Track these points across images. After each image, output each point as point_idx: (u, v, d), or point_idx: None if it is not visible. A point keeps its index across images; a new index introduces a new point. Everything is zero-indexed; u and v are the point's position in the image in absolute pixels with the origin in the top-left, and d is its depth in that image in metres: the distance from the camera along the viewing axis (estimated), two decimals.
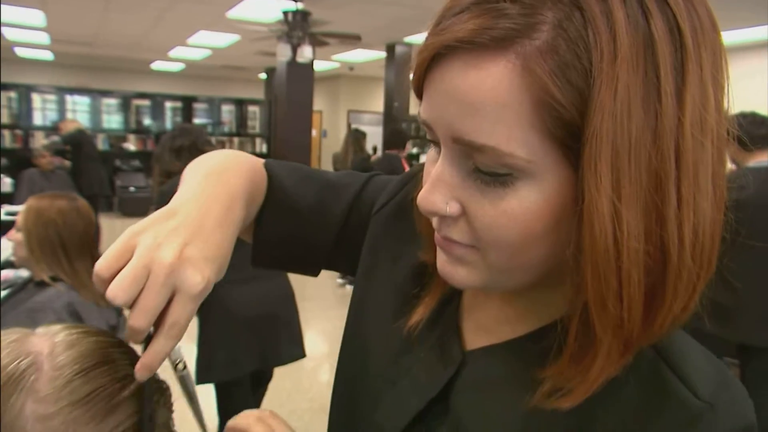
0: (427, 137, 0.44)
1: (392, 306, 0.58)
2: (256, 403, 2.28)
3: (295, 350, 2.16)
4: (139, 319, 0.41)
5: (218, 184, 0.52)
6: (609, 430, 0.42)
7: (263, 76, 11.45)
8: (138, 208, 9.11)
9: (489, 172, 0.39)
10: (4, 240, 2.86)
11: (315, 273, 0.72)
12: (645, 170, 0.35)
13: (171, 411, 0.50)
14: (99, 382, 0.45)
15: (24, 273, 2.44)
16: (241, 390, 2.11)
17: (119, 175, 9.43)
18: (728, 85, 0.39)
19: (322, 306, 5.01)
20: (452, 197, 0.41)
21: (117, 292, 0.41)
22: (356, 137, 5.61)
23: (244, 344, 2.00)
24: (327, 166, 11.02)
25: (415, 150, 8.30)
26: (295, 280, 2.28)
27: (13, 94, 9.00)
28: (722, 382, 0.43)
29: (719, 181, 0.38)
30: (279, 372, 2.28)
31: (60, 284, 1.52)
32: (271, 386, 2.30)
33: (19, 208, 4.15)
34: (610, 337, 0.38)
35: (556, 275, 0.43)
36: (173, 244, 0.43)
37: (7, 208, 4.23)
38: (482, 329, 0.52)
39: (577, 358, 0.40)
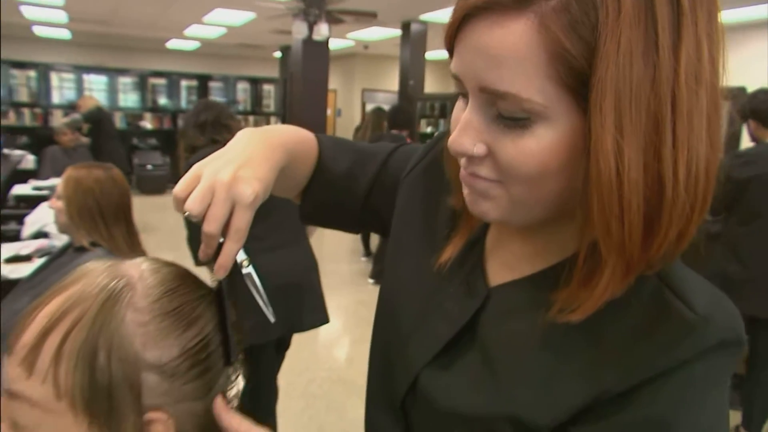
0: (456, 89, 0.51)
1: (425, 251, 0.65)
2: (278, 366, 2.37)
3: (318, 316, 2.23)
4: (210, 226, 0.52)
5: (264, 136, 0.63)
6: (615, 342, 0.48)
7: (278, 54, 11.45)
8: (155, 185, 9.21)
9: (510, 117, 0.45)
10: (36, 212, 2.96)
11: (353, 231, 0.84)
12: (644, 113, 0.41)
13: (237, 311, 0.58)
14: (181, 299, 0.53)
15: (56, 242, 2.54)
16: (266, 354, 2.20)
17: (136, 154, 9.51)
18: (723, 43, 0.44)
19: (339, 281, 5.10)
20: (479, 140, 0.48)
21: (192, 206, 0.51)
22: (378, 115, 5.61)
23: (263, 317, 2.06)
24: None
25: (429, 129, 8.30)
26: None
27: (32, 73, 9.11)
28: (718, 302, 0.48)
29: (714, 126, 0.44)
30: (297, 343, 2.36)
31: (98, 249, 1.61)
32: (291, 356, 2.39)
33: (45, 183, 4.27)
34: (614, 258, 0.44)
35: (569, 213, 0.49)
36: (229, 169, 0.54)
37: (34, 183, 4.34)
38: (504, 266, 0.59)
39: (586, 281, 0.47)
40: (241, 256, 0.56)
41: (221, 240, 0.53)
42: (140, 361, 0.50)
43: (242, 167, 0.55)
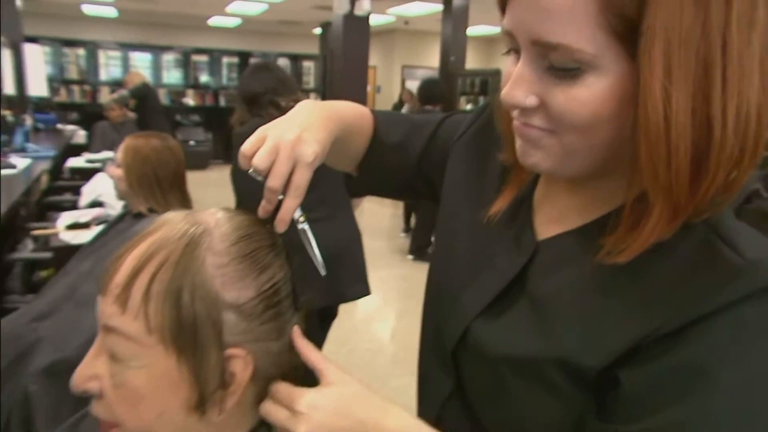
0: (508, 45, 0.53)
1: (475, 209, 0.68)
2: (323, 338, 2.43)
3: (360, 288, 2.26)
4: (273, 181, 0.57)
5: (323, 107, 0.67)
6: (662, 285, 0.49)
7: (318, 31, 11.45)
8: (198, 160, 9.36)
9: (562, 68, 0.47)
10: (91, 182, 3.08)
11: (404, 199, 0.93)
12: (694, 58, 0.42)
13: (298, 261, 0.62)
14: (256, 245, 0.57)
15: (111, 211, 2.65)
16: (309, 325, 2.25)
17: (179, 130, 9.68)
18: None
19: (379, 256, 5.14)
20: (531, 92, 0.50)
21: (259, 162, 0.57)
22: None
23: (315, 281, 2.10)
24: None
25: (468, 106, 8.19)
26: None
27: (81, 51, 9.37)
28: None
29: (767, 70, 0.43)
30: (339, 314, 2.41)
31: (155, 215, 1.67)
32: (331, 327, 2.43)
33: (98, 156, 4.42)
34: (661, 201, 0.45)
35: (617, 165, 0.50)
36: (293, 131, 0.59)
37: (87, 156, 4.51)
38: (552, 220, 0.61)
39: (633, 226, 0.48)
40: (298, 213, 0.60)
41: (280, 197, 0.57)
42: (220, 301, 0.53)
43: (305, 131, 0.60)
